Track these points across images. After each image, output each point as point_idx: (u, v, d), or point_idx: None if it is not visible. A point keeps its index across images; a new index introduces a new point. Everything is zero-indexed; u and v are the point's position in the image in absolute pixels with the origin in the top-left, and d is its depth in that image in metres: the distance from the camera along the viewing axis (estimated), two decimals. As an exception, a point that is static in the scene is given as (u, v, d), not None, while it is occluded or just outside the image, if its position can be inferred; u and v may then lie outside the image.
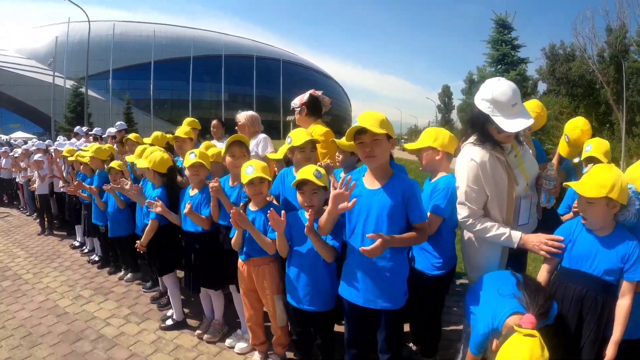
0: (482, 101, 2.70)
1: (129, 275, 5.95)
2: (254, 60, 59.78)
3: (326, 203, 2.70)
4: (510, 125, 2.58)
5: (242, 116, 5.31)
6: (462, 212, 2.81)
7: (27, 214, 11.21)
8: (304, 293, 3.00)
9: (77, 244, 7.78)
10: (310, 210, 2.91)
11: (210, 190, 3.53)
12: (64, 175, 7.75)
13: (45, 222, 8.95)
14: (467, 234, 3.04)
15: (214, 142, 5.90)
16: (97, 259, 6.75)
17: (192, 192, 3.99)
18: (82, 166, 6.77)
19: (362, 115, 2.58)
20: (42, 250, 7.72)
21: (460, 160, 2.87)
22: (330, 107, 5.04)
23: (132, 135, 6.57)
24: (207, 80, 57.36)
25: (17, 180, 11.56)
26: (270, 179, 3.32)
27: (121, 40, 51.65)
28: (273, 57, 67.99)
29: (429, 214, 2.89)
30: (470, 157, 2.77)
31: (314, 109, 4.51)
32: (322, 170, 2.90)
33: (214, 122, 6.91)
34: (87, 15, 27.59)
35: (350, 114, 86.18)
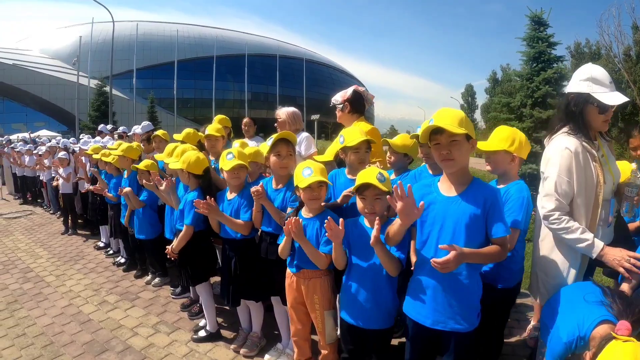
0: (580, 82, 2.59)
1: (157, 279, 5.65)
2: (277, 59, 59.45)
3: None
4: (612, 98, 2.47)
5: (283, 112, 4.87)
6: (547, 205, 2.56)
7: (51, 212, 11.04)
8: (363, 309, 2.67)
9: (101, 244, 7.53)
10: (372, 217, 2.58)
11: (253, 195, 3.21)
12: (88, 174, 7.52)
13: (69, 222, 8.73)
14: (544, 239, 2.78)
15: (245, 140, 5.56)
16: (122, 261, 6.47)
17: (230, 195, 3.65)
18: (107, 165, 6.49)
19: (438, 113, 2.26)
20: (66, 250, 7.47)
21: (553, 149, 2.66)
22: (373, 104, 4.65)
23: (160, 132, 6.22)
24: (230, 80, 57.19)
25: (41, 178, 11.41)
26: (330, 183, 2.99)
27: (144, 40, 51.87)
28: (296, 56, 67.47)
29: (508, 227, 2.57)
30: (565, 145, 2.56)
31: (358, 105, 4.16)
32: (386, 174, 2.59)
33: (246, 119, 6.58)
34: (111, 15, 27.63)
35: (373, 113, 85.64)
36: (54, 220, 10.22)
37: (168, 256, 4.03)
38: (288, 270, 3.13)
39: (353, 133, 3.15)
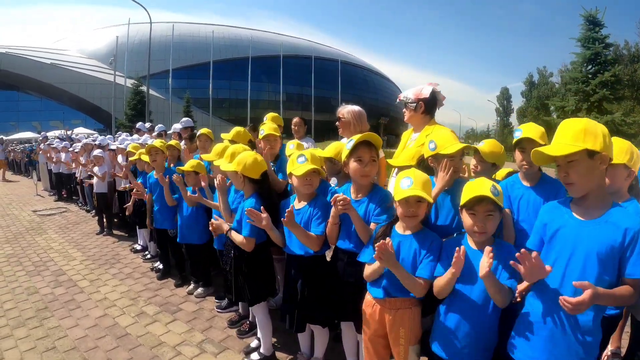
0: None
1: (200, 289, 5.13)
2: (312, 60, 59.17)
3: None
4: None
5: (347, 111, 4.25)
6: None
7: (87, 209, 10.71)
8: (462, 345, 2.23)
9: (138, 247, 7.09)
10: (482, 237, 2.20)
11: (337, 204, 2.62)
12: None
13: (104, 221, 8.33)
14: None
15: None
16: (162, 267, 5.98)
17: (299, 204, 3.12)
18: (145, 165, 6.06)
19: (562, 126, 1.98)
20: (101, 252, 7.04)
21: None
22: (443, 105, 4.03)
23: (204, 130, 5.76)
24: (264, 80, 57.09)
25: (76, 175, 11.10)
26: (432, 200, 2.45)
27: (180, 40, 52.15)
28: (331, 57, 66.97)
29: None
30: None
31: (432, 106, 3.58)
32: (499, 187, 2.22)
33: (296, 119, 6.13)
34: (149, 16, 27.53)
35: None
36: (89, 218, 9.87)
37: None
38: (368, 298, 2.64)
39: (447, 138, 2.68)
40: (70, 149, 11.57)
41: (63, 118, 49.41)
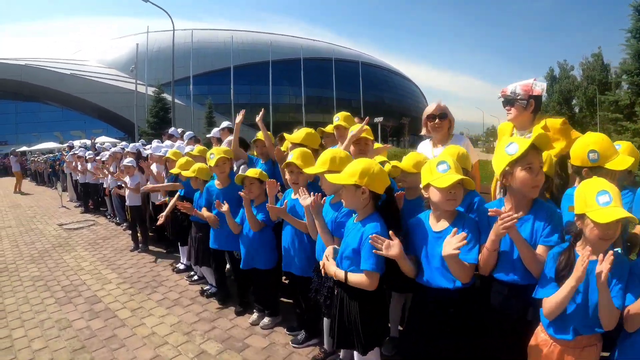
0: None
1: (266, 320, 4.21)
2: (333, 62, 58.30)
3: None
4: None
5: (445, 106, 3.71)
6: None
7: (116, 222, 9.92)
8: None
9: (182, 267, 6.21)
10: None
11: (503, 224, 2.10)
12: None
13: (139, 236, 7.50)
14: None
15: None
16: (213, 291, 5.09)
17: (437, 224, 2.45)
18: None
19: None
20: (138, 273, 6.18)
21: None
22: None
23: (261, 135, 5.04)
24: (285, 84, 56.42)
25: (104, 185, 10.33)
26: None
27: (199, 47, 51.67)
28: (351, 59, 66.06)
29: None
30: None
31: (540, 104, 3.18)
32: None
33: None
34: (172, 21, 26.91)
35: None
36: (119, 232, 9.07)
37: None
38: (543, 337, 2.16)
39: (611, 147, 2.47)
40: (97, 158, 10.82)
41: (84, 128, 49.44)
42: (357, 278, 2.45)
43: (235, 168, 5.46)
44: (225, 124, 7.26)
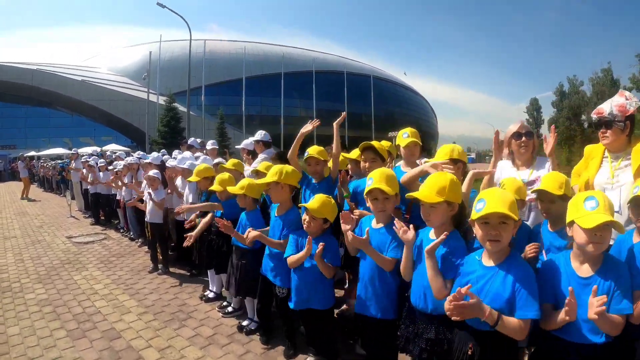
0: None
1: (324, 367, 3.44)
2: (344, 76, 57.69)
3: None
4: None
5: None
6: None
7: (130, 236, 9.17)
8: None
9: (211, 295, 5.44)
10: None
11: None
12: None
13: (158, 257, 6.74)
14: None
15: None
16: (253, 327, 4.32)
17: (581, 268, 2.17)
18: (220, 192, 4.72)
19: None
20: (161, 301, 5.41)
21: None
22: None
23: (315, 150, 4.38)
24: (296, 97, 55.94)
25: (117, 197, 9.60)
26: None
27: (211, 58, 51.21)
28: (362, 72, 65.49)
29: None
30: None
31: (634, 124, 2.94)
32: None
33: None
34: (189, 28, 26.77)
35: (437, 130, 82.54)
36: (134, 249, 8.31)
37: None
38: None
39: None
40: (110, 168, 10.11)
41: (94, 135, 49.23)
42: (513, 324, 2.01)
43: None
44: (261, 134, 6.53)
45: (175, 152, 9.06)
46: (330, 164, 4.37)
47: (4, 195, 21.21)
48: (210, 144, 8.22)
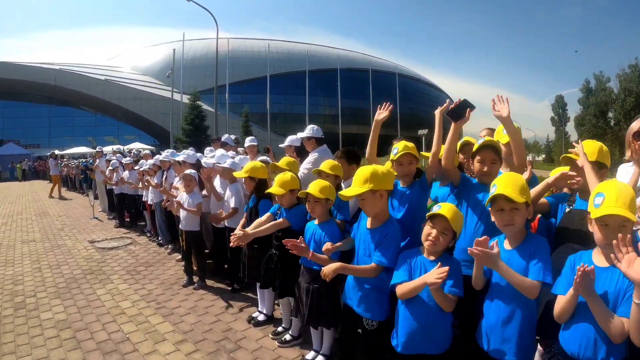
0: None
1: None
2: (370, 73, 56.28)
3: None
4: None
5: None
6: None
7: (158, 242, 8.32)
8: None
9: (261, 317, 4.51)
10: None
11: None
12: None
13: (193, 267, 5.85)
14: None
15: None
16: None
17: None
18: (280, 196, 3.78)
19: None
20: (202, 324, 4.50)
21: None
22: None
23: (407, 146, 3.32)
24: (320, 94, 54.85)
25: (144, 198, 8.76)
26: None
27: (234, 56, 50.59)
28: (387, 70, 64.08)
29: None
30: None
31: None
32: None
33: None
34: (216, 24, 26.40)
35: (462, 127, 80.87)
36: (163, 256, 7.44)
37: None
38: None
39: None
40: (137, 168, 9.29)
41: (117, 134, 49.05)
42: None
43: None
44: (312, 129, 5.56)
45: (207, 151, 8.17)
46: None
47: (26, 195, 20.71)
48: (249, 141, 7.28)
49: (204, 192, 5.87)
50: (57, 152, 31.82)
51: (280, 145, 6.63)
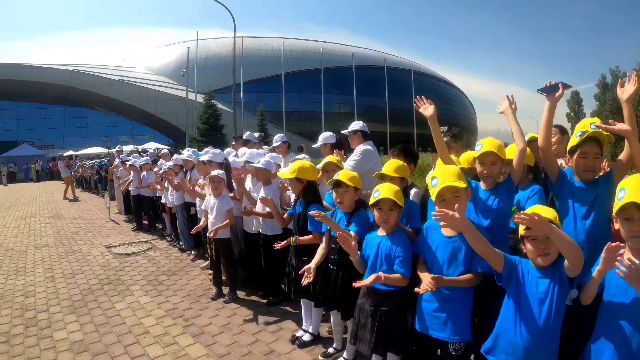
0: None
1: None
2: (385, 71, 55.68)
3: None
4: None
5: None
6: None
7: (180, 246, 7.76)
8: None
9: (306, 337, 3.89)
10: None
11: None
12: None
13: (223, 278, 5.25)
14: None
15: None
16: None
17: None
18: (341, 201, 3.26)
19: None
20: (239, 347, 3.87)
21: None
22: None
23: (493, 144, 2.82)
24: (335, 92, 54.20)
25: (162, 200, 8.19)
26: None
27: (248, 54, 50.02)
28: (402, 67, 63.24)
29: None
30: None
31: None
32: None
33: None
34: (234, 21, 25.77)
35: (476, 125, 79.68)
36: (186, 263, 6.86)
37: None
38: None
39: None
40: (156, 169, 8.73)
41: (131, 133, 48.73)
42: None
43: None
44: (359, 124, 4.94)
45: (228, 151, 7.53)
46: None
47: (40, 196, 20.30)
48: (279, 139, 6.60)
49: (231, 194, 5.26)
50: (70, 152, 31.60)
51: (313, 146, 6.01)
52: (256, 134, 8.40)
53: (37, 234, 9.75)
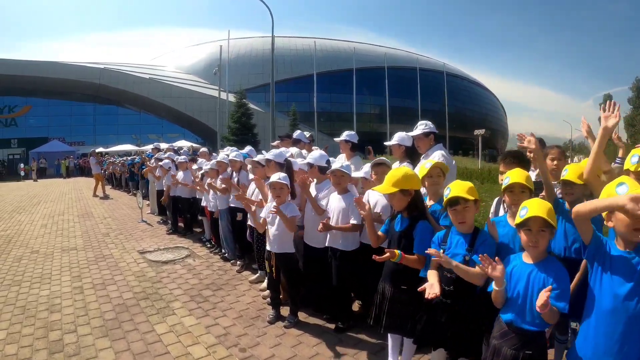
0: None
1: None
2: (417, 72, 55.10)
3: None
4: None
5: None
6: None
7: (222, 255, 6.94)
8: None
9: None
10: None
11: None
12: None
13: (282, 294, 4.41)
14: None
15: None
16: None
17: None
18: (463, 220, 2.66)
19: None
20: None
21: None
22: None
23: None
24: (366, 93, 53.68)
25: (203, 203, 7.41)
26: None
27: (278, 54, 49.63)
28: (434, 68, 62.54)
29: None
30: None
31: None
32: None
33: None
34: (272, 17, 24.84)
35: (507, 127, 78.02)
36: (232, 274, 6.04)
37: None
38: None
39: None
40: (195, 168, 7.97)
41: (161, 132, 48.83)
42: None
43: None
44: (428, 125, 4.15)
45: (271, 149, 6.65)
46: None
47: (69, 192, 19.82)
48: (347, 136, 5.63)
49: (293, 201, 4.41)
50: (101, 149, 31.32)
51: (385, 143, 5.16)
52: (307, 133, 7.52)
53: (65, 235, 9.07)
